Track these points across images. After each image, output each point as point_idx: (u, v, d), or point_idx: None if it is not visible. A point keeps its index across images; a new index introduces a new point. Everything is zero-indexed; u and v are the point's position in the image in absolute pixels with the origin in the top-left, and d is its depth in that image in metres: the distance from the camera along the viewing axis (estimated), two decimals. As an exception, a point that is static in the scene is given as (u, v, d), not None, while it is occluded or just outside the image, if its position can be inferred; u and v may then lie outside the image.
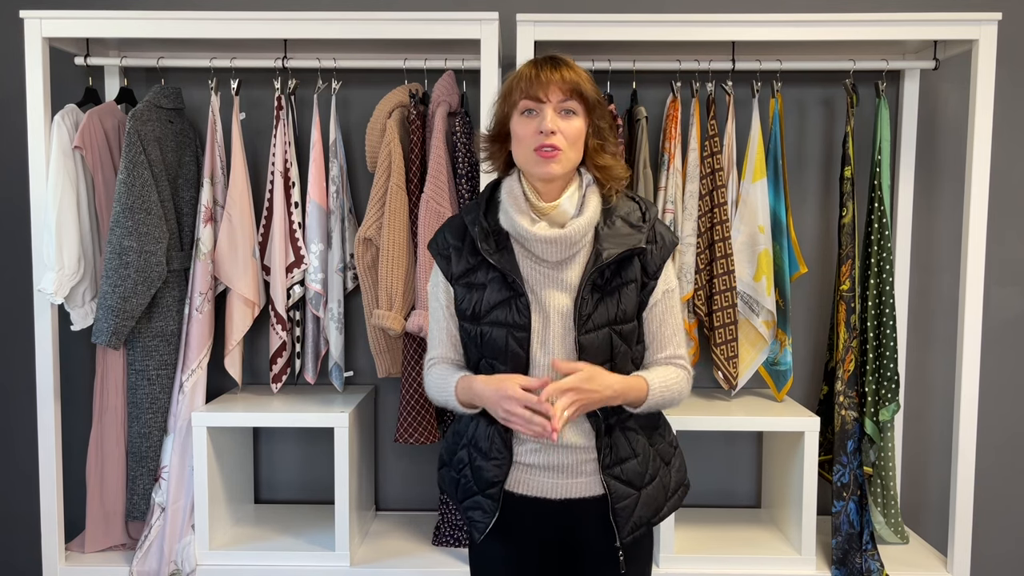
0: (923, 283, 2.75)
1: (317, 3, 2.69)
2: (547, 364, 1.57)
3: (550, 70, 1.55)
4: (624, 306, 1.60)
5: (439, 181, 2.40)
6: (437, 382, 1.66)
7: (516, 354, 1.57)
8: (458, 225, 1.67)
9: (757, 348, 2.54)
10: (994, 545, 2.81)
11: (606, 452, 1.61)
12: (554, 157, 1.54)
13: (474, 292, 1.61)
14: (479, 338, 1.60)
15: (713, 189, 2.47)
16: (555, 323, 1.58)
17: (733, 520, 2.69)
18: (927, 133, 2.71)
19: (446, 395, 1.64)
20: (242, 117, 2.57)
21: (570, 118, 1.56)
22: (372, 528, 2.70)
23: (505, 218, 1.60)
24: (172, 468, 2.43)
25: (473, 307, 1.60)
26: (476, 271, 1.61)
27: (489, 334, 1.58)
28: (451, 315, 1.66)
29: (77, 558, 2.47)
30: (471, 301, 1.60)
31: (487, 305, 1.59)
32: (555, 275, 1.59)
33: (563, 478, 1.62)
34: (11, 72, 2.71)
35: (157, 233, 2.37)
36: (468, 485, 1.65)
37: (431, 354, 1.70)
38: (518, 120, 1.57)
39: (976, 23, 2.26)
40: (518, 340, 1.56)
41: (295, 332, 2.58)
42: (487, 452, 1.62)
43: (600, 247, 1.58)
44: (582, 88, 1.56)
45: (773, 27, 2.30)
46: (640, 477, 1.64)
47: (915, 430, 2.77)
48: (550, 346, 1.57)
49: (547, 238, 1.56)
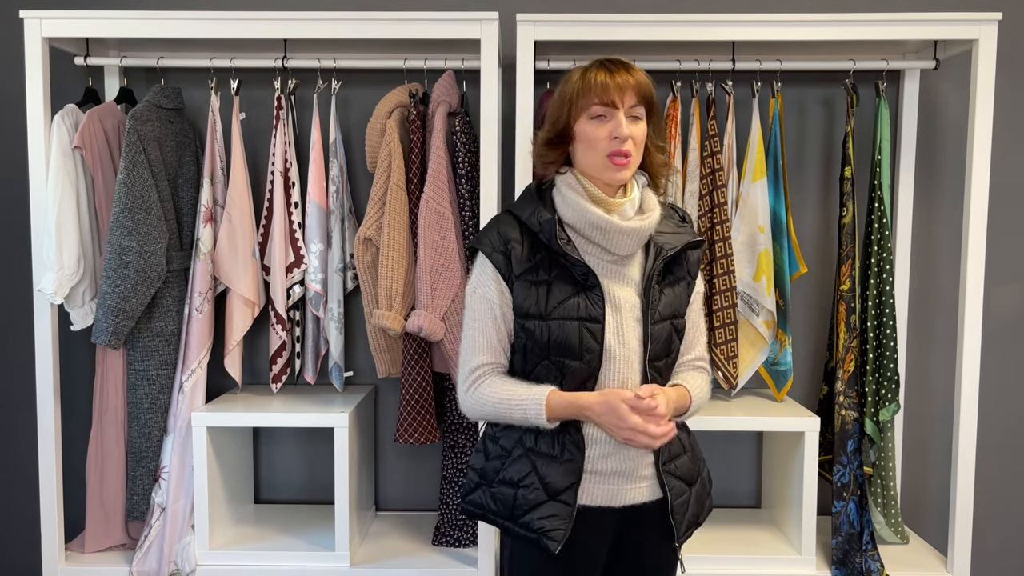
0: (923, 283, 2.75)
1: (317, 3, 2.69)
2: (623, 356, 1.56)
3: (624, 74, 1.56)
4: (680, 301, 1.65)
5: (439, 181, 2.40)
6: (504, 393, 1.57)
7: (591, 347, 1.55)
8: (510, 222, 1.62)
9: (757, 348, 2.54)
10: (994, 545, 2.81)
11: (663, 449, 1.62)
12: (626, 164, 1.57)
13: (539, 288, 1.57)
14: (546, 334, 1.55)
15: (713, 189, 2.47)
16: (626, 315, 1.58)
17: (733, 520, 2.69)
18: (927, 133, 2.71)
19: (523, 408, 1.55)
20: (242, 117, 2.57)
21: (638, 123, 1.58)
22: (372, 528, 2.70)
23: (570, 211, 1.59)
24: (172, 468, 2.43)
25: (537, 303, 1.56)
26: (539, 267, 1.58)
27: (560, 329, 1.55)
28: (503, 316, 1.60)
29: (77, 558, 2.47)
30: (536, 297, 1.57)
31: (555, 300, 1.56)
32: (619, 270, 1.60)
33: (625, 483, 1.60)
34: (11, 72, 2.71)
35: (157, 233, 2.37)
36: (534, 495, 1.57)
37: (476, 362, 1.60)
38: (588, 124, 1.57)
39: (976, 23, 2.26)
40: (592, 332, 1.55)
41: (295, 332, 2.58)
42: (558, 456, 1.57)
43: (660, 241, 1.63)
44: (650, 93, 1.59)
45: (773, 27, 2.29)
46: (691, 474, 1.67)
47: (915, 430, 2.77)
48: (623, 336, 1.57)
49: (627, 229, 1.56)
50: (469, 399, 1.60)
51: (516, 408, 1.55)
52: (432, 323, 2.40)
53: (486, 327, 1.60)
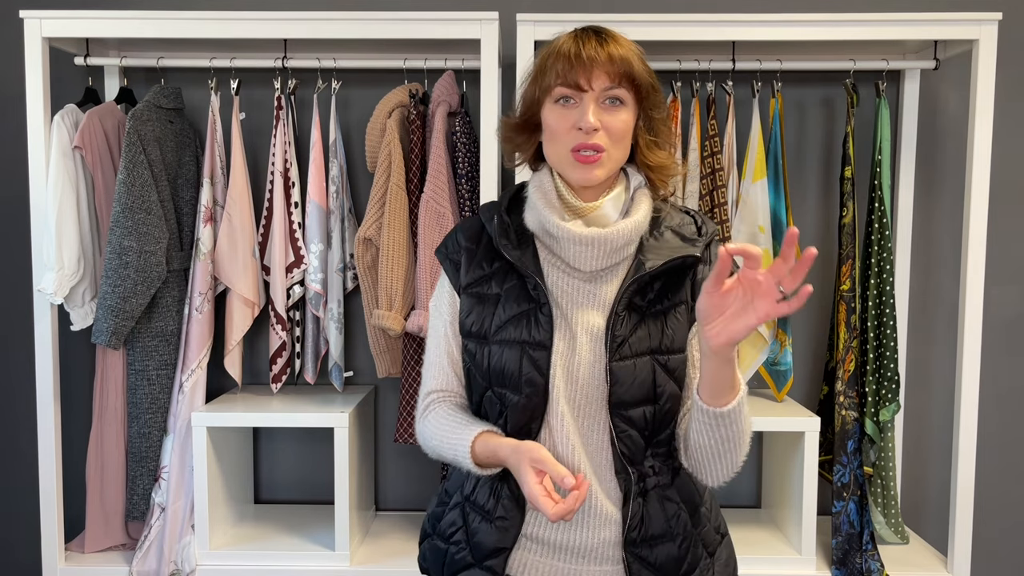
0: (923, 283, 2.75)
1: (317, 3, 2.69)
2: (571, 395, 1.26)
3: (595, 45, 1.25)
4: (672, 333, 1.27)
5: (439, 181, 2.40)
6: (440, 430, 1.31)
7: (532, 379, 1.25)
8: (474, 225, 1.38)
9: (757, 348, 2.54)
10: (994, 545, 2.81)
11: (634, 523, 1.27)
12: (595, 161, 1.25)
13: (484, 305, 1.31)
14: (485, 361, 1.28)
15: (713, 189, 2.47)
16: (583, 345, 1.26)
17: (733, 520, 2.69)
18: (927, 133, 2.71)
19: (454, 450, 1.28)
20: (242, 117, 2.57)
21: (616, 109, 1.26)
22: (372, 528, 2.70)
23: (531, 214, 1.31)
24: (172, 468, 2.43)
25: (482, 322, 1.30)
26: (490, 280, 1.32)
27: (499, 355, 1.27)
28: (455, 335, 1.35)
29: (77, 558, 2.47)
30: (479, 315, 1.30)
31: (501, 319, 1.29)
32: (589, 289, 1.29)
33: (575, 562, 1.29)
34: (11, 72, 2.71)
35: (157, 233, 2.37)
36: (460, 556, 1.31)
37: (428, 387, 1.37)
38: (551, 109, 1.28)
39: (976, 23, 2.26)
40: (535, 361, 1.25)
41: (295, 332, 2.58)
42: (490, 512, 1.29)
43: (643, 258, 1.28)
44: (633, 71, 1.26)
45: (773, 27, 2.29)
46: (676, 566, 1.27)
47: (915, 430, 2.77)
48: (576, 373, 1.26)
49: (581, 238, 1.25)
50: (418, 426, 1.38)
51: (449, 450, 1.29)
52: (432, 323, 2.39)
53: (439, 348, 1.36)
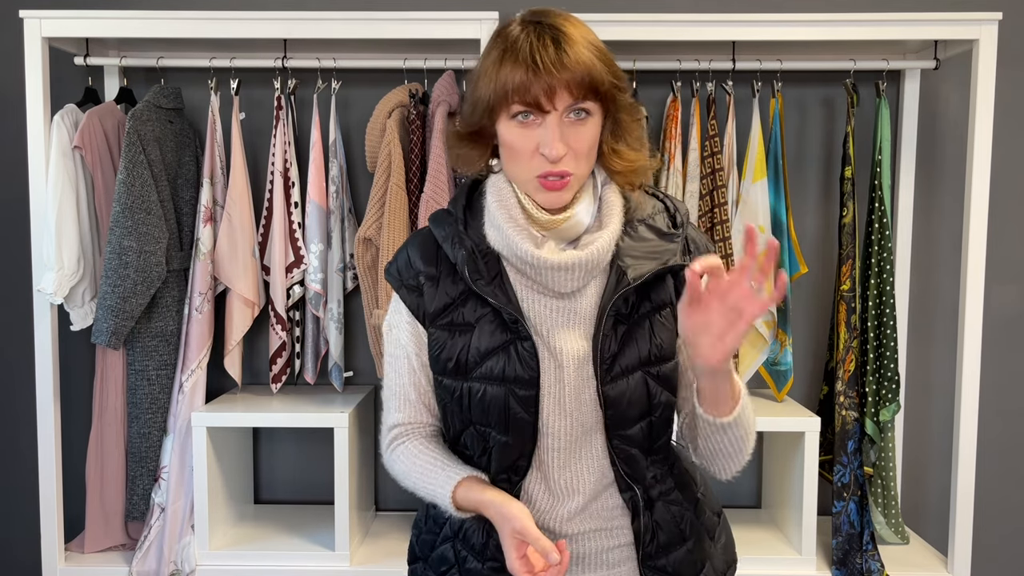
0: (923, 283, 2.75)
1: (317, 3, 2.69)
2: (563, 428, 1.17)
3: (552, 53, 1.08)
4: (659, 340, 1.20)
5: (439, 181, 2.40)
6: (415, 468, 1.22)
7: (520, 420, 1.16)
8: (427, 244, 1.22)
9: (757, 348, 2.54)
10: (994, 545, 2.80)
11: (647, 539, 1.21)
12: (564, 186, 1.14)
13: (458, 337, 1.18)
14: (465, 399, 1.17)
15: (713, 189, 2.47)
16: (570, 373, 1.17)
17: (733, 520, 2.66)
18: (927, 133, 2.71)
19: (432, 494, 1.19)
20: (242, 117, 2.57)
21: (582, 123, 1.14)
22: (372, 528, 2.70)
23: (497, 236, 1.18)
24: (172, 468, 2.43)
25: (457, 357, 1.17)
26: (460, 307, 1.18)
27: (481, 393, 1.16)
28: (422, 366, 1.22)
29: (77, 558, 2.47)
30: (454, 349, 1.18)
31: (476, 353, 1.17)
32: (566, 307, 1.19)
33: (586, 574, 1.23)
34: (11, 72, 2.70)
35: (157, 233, 2.37)
36: None
37: (392, 420, 1.25)
38: (509, 127, 1.14)
39: (976, 23, 2.26)
40: (522, 401, 1.16)
41: (295, 332, 2.58)
42: (481, 551, 1.21)
43: (622, 264, 1.18)
44: (595, 79, 1.11)
45: (773, 27, 2.29)
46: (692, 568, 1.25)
47: (915, 430, 2.77)
48: (567, 406, 1.17)
49: (561, 265, 1.14)
50: (387, 459, 1.28)
51: (426, 492, 1.21)
52: (432, 323, 2.39)
53: (401, 378, 1.24)
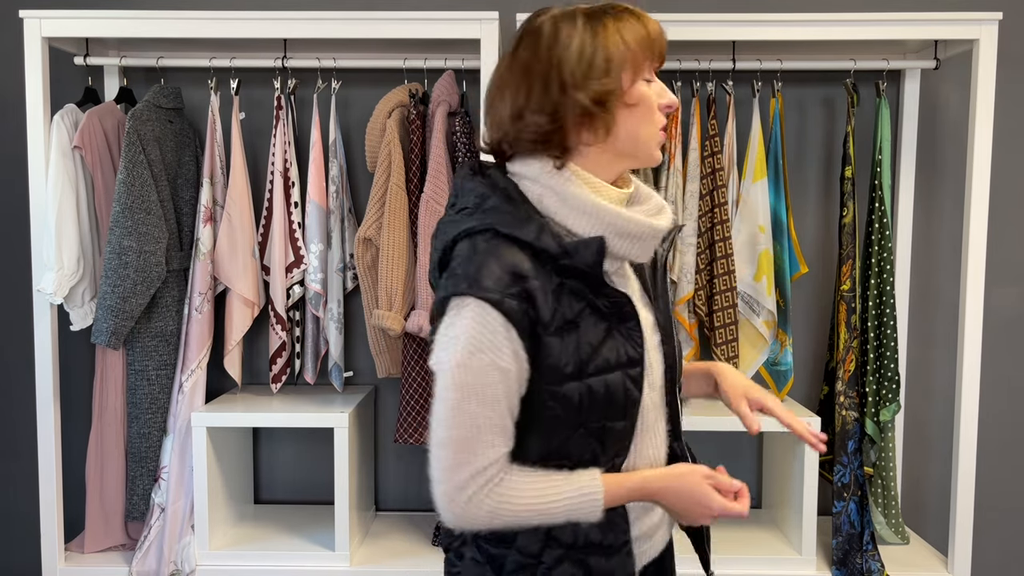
0: (923, 283, 2.75)
1: (317, 3, 2.69)
2: (652, 403, 1.21)
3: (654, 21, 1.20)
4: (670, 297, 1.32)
5: (439, 181, 2.40)
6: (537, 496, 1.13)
7: (634, 399, 1.17)
8: (512, 248, 1.12)
9: (758, 348, 2.54)
10: (994, 545, 2.80)
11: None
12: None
13: (569, 336, 1.13)
14: (586, 399, 1.14)
15: (713, 189, 2.47)
16: (652, 342, 1.22)
17: (733, 520, 2.69)
18: (927, 133, 2.71)
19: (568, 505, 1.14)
20: (242, 117, 2.57)
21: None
22: (372, 528, 2.70)
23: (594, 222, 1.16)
24: (172, 468, 2.43)
25: (575, 358, 1.13)
26: (565, 307, 1.14)
27: (603, 388, 1.14)
28: (518, 390, 1.13)
29: (77, 558, 2.47)
30: (570, 351, 1.13)
31: (589, 348, 1.14)
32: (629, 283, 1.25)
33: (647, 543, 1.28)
34: (11, 72, 2.71)
35: (157, 233, 2.37)
36: None
37: (487, 458, 1.11)
38: (640, 86, 1.18)
39: (976, 23, 2.26)
40: (634, 380, 1.16)
41: (295, 332, 2.58)
42: (611, 543, 1.19)
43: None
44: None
45: (773, 27, 2.29)
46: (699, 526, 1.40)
47: (915, 430, 2.77)
48: (652, 377, 1.21)
49: (659, 231, 1.18)
50: (477, 510, 1.12)
51: (559, 508, 1.14)
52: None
53: (497, 407, 1.11)
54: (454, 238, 1.15)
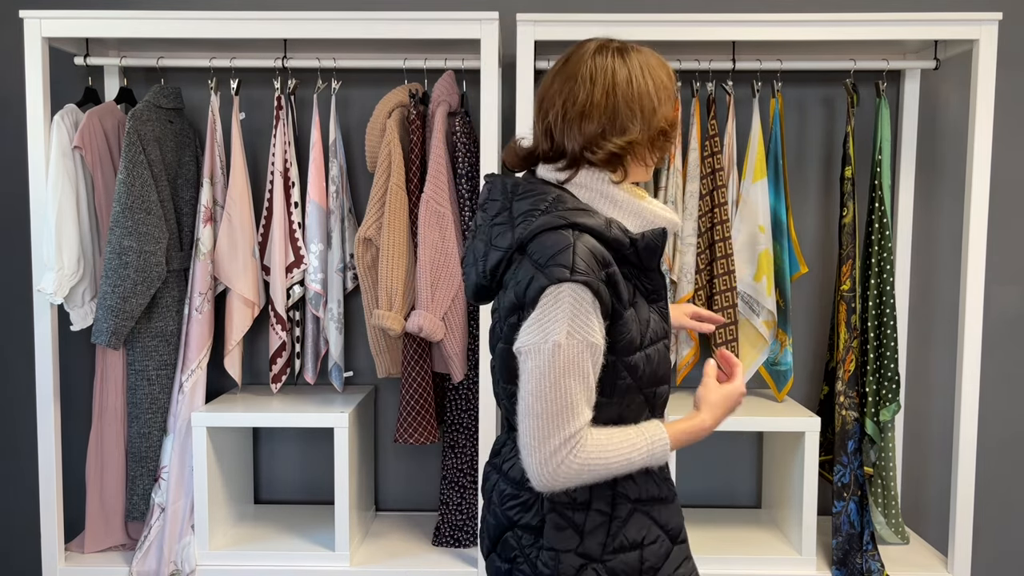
0: (923, 283, 2.75)
1: (317, 3, 2.69)
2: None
3: None
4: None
5: (439, 181, 2.40)
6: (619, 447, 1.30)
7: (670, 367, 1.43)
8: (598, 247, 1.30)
9: (757, 348, 2.54)
10: (994, 545, 2.80)
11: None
12: None
13: (634, 314, 1.34)
14: (643, 367, 1.35)
15: (713, 189, 2.47)
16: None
17: (733, 520, 2.69)
18: (927, 133, 2.71)
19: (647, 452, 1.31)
20: (242, 117, 2.57)
21: None
22: (372, 528, 2.70)
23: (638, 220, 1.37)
24: (172, 468, 2.43)
25: (640, 332, 1.35)
26: (629, 289, 1.35)
27: (656, 356, 1.37)
28: (599, 362, 1.30)
29: (77, 558, 2.47)
30: (636, 327, 1.34)
31: (645, 324, 1.36)
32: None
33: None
34: (11, 72, 2.71)
35: (157, 233, 2.37)
36: (660, 547, 1.39)
37: (577, 424, 1.26)
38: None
39: (976, 23, 2.26)
40: (668, 348, 1.42)
41: (295, 332, 2.58)
42: (666, 497, 1.42)
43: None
44: None
45: (773, 27, 2.29)
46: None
47: (915, 430, 2.77)
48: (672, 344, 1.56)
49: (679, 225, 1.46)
50: (568, 469, 1.26)
51: (638, 456, 1.31)
52: (432, 323, 2.39)
53: (588, 382, 1.27)
54: (534, 231, 1.30)
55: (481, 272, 1.38)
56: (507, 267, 1.34)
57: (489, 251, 1.36)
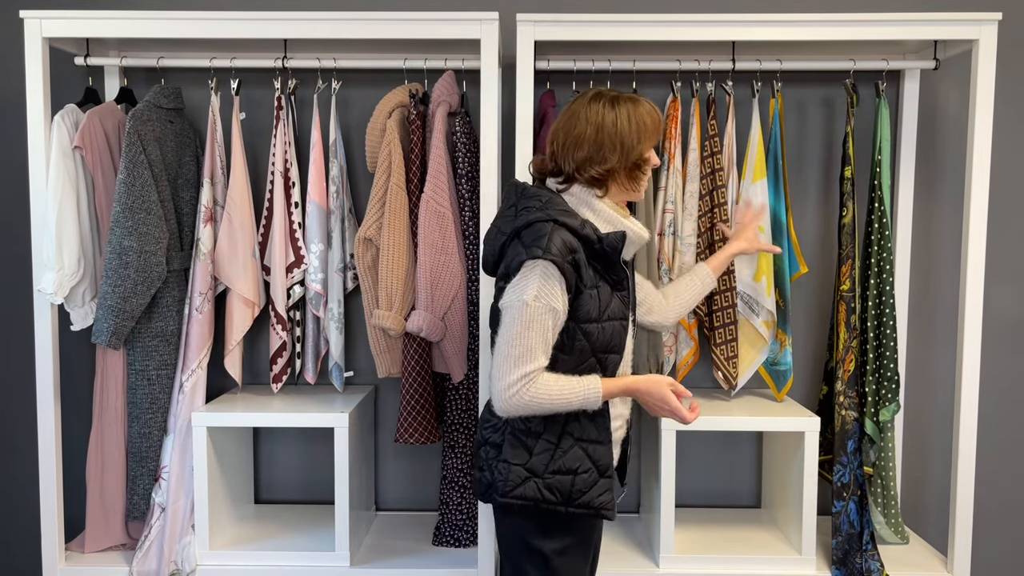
0: (923, 283, 2.75)
1: (317, 3, 2.69)
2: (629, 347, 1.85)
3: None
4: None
5: (439, 181, 2.40)
6: (559, 389, 1.69)
7: (624, 341, 1.79)
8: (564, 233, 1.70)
9: (757, 348, 2.54)
10: (994, 545, 2.81)
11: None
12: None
13: (594, 293, 1.73)
14: (597, 335, 1.73)
15: (713, 189, 2.47)
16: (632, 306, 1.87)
17: (733, 520, 2.69)
18: (927, 133, 2.71)
19: (582, 396, 1.70)
20: (242, 117, 2.57)
21: None
22: (372, 528, 2.70)
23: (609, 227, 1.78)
24: (172, 468, 2.43)
25: (597, 308, 1.73)
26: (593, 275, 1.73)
27: (610, 329, 1.75)
28: (558, 324, 1.70)
29: (77, 558, 2.47)
30: (595, 303, 1.73)
31: (604, 304, 1.74)
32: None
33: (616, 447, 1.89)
34: (11, 72, 2.71)
35: (157, 233, 2.37)
36: (589, 476, 1.76)
37: (533, 365, 1.68)
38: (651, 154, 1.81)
39: (976, 23, 2.26)
40: (625, 328, 1.79)
41: (295, 332, 2.58)
42: (601, 440, 1.78)
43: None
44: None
45: (773, 27, 2.29)
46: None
47: (915, 430, 2.77)
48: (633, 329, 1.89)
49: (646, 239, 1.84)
50: (520, 399, 1.67)
51: (575, 398, 1.70)
52: (432, 323, 2.40)
53: (546, 334, 1.68)
54: (528, 222, 1.70)
55: (491, 250, 1.79)
56: (508, 246, 1.73)
57: (498, 234, 1.77)
